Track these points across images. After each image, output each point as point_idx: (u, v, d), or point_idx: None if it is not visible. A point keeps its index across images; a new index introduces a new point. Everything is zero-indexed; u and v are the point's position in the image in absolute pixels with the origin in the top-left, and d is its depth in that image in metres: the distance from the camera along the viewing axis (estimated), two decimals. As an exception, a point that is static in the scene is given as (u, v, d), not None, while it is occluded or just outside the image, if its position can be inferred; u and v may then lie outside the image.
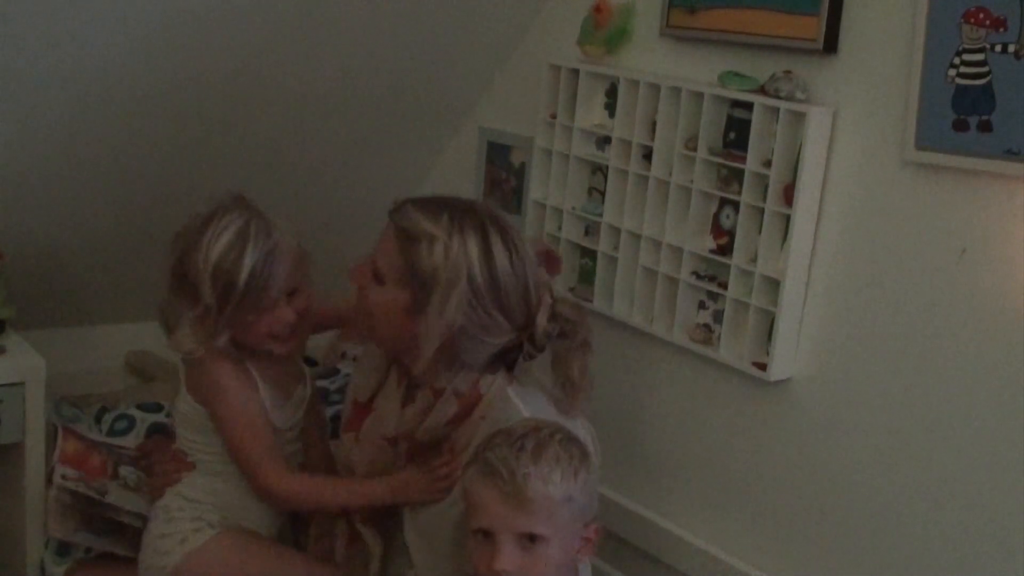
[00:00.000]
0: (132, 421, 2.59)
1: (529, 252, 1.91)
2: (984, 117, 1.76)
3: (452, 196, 1.96)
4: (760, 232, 2.09)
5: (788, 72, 2.04)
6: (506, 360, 1.93)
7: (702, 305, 2.25)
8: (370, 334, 1.99)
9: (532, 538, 1.72)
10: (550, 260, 2.08)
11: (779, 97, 2.03)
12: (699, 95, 2.17)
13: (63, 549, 2.31)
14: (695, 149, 2.18)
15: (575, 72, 2.42)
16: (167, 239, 2.05)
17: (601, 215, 2.38)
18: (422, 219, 1.85)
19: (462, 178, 2.83)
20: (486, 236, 1.85)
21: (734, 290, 2.14)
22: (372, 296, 1.91)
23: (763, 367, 2.10)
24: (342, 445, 2.08)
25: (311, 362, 2.54)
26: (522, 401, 1.90)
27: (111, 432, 2.53)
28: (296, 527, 2.20)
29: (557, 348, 1.91)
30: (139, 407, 2.63)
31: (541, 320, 1.88)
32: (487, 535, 1.73)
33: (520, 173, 2.68)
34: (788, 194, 2.04)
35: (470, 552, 1.77)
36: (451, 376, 1.91)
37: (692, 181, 2.20)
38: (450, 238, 1.83)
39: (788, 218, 2.04)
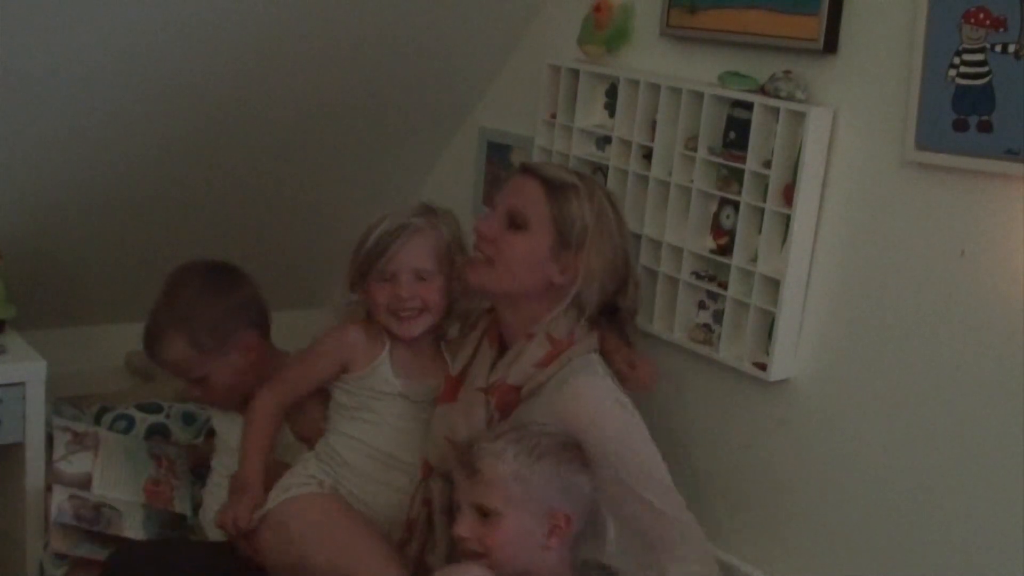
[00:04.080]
0: (132, 421, 2.59)
1: None
2: (984, 117, 1.76)
3: None
4: (760, 232, 2.09)
5: (788, 72, 2.03)
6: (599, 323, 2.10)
7: (702, 305, 2.25)
8: (500, 282, 2.08)
9: (486, 509, 1.84)
10: None
11: (779, 97, 2.03)
12: (699, 95, 2.17)
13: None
14: (695, 149, 2.18)
15: (575, 72, 2.41)
16: (167, 239, 2.07)
17: (601, 215, 2.38)
18: (562, 172, 2.10)
19: (462, 178, 2.83)
20: (609, 194, 2.13)
21: (734, 290, 2.14)
22: (511, 244, 2.05)
23: (763, 367, 2.10)
24: (435, 416, 2.14)
25: None
26: (601, 366, 2.05)
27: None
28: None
29: (623, 312, 2.13)
30: (139, 407, 2.63)
31: (632, 280, 2.11)
32: (456, 506, 1.88)
33: (520, 173, 2.68)
34: (788, 194, 2.04)
35: None
36: (547, 320, 2.05)
37: (692, 181, 2.19)
38: (590, 189, 2.07)
39: (788, 218, 2.04)
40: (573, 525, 1.90)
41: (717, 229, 2.20)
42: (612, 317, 2.12)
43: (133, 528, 2.29)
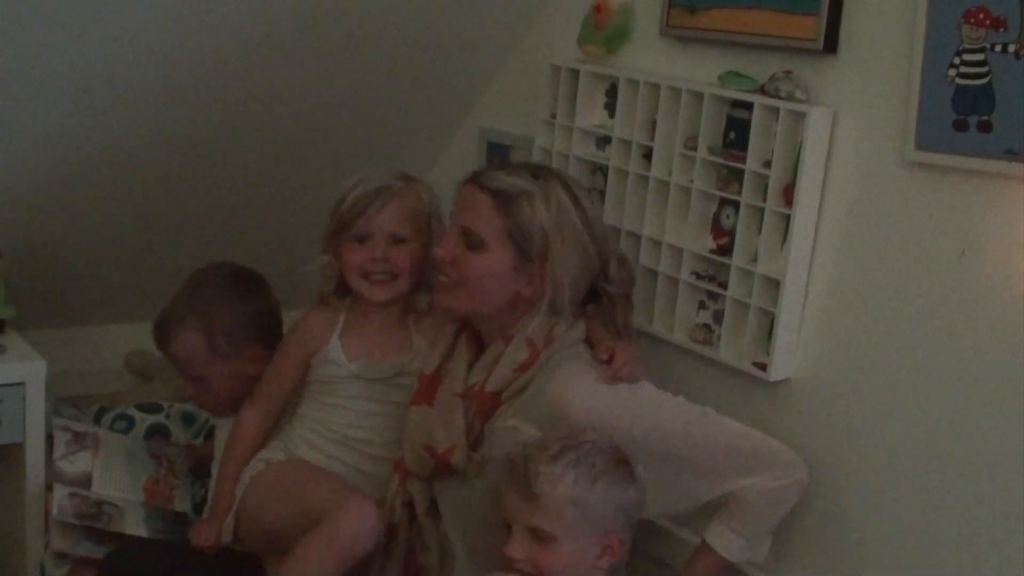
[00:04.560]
0: (131, 421, 2.59)
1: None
2: (984, 117, 1.76)
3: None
4: (760, 232, 2.09)
5: (788, 72, 2.04)
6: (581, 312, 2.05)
7: (702, 305, 2.25)
8: (469, 303, 2.04)
9: (542, 533, 1.81)
10: None
11: (779, 97, 2.03)
12: (699, 95, 2.17)
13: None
14: (695, 149, 2.18)
15: (575, 72, 2.41)
16: (167, 239, 2.07)
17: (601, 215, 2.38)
18: (512, 179, 1.98)
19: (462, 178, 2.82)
20: (567, 186, 2.02)
21: (734, 290, 2.14)
22: (472, 264, 1.99)
23: (763, 367, 2.10)
24: (410, 418, 2.09)
25: None
26: (586, 355, 2.00)
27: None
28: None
29: (611, 295, 2.06)
30: (139, 407, 2.64)
31: (614, 262, 2.04)
32: (507, 525, 1.85)
33: (520, 173, 2.68)
34: (788, 194, 2.04)
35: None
36: (525, 323, 2.00)
37: (692, 181, 2.19)
38: (545, 189, 1.98)
39: (788, 218, 2.04)
40: (626, 544, 1.89)
41: (717, 229, 2.20)
42: (598, 303, 2.08)
43: (134, 525, 2.30)
